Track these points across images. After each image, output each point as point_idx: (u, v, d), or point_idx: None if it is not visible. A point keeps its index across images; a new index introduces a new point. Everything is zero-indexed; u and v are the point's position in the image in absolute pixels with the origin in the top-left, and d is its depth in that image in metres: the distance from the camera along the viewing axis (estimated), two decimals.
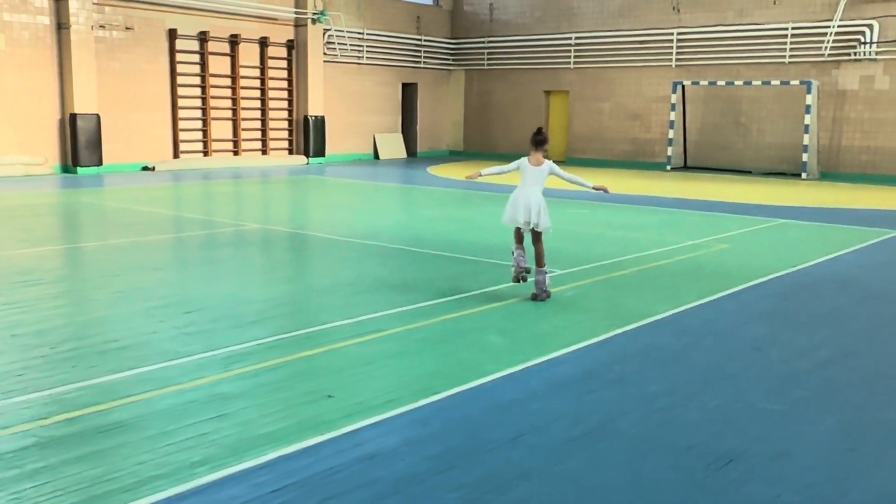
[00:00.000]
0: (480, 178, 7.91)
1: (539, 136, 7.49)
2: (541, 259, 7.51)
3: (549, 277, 7.66)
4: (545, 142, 7.55)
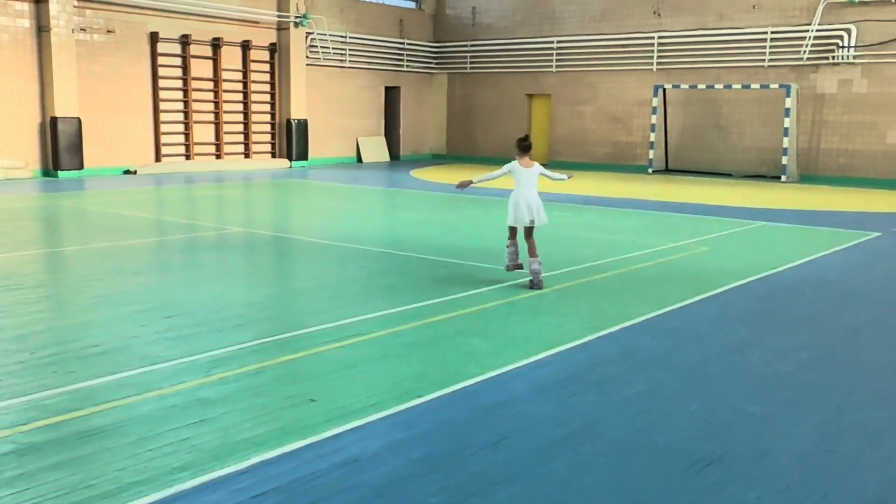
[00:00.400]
0: (473, 185, 8.48)
1: (525, 142, 8.22)
2: (534, 250, 8.19)
3: (530, 280, 8.31)
4: (531, 147, 8.26)
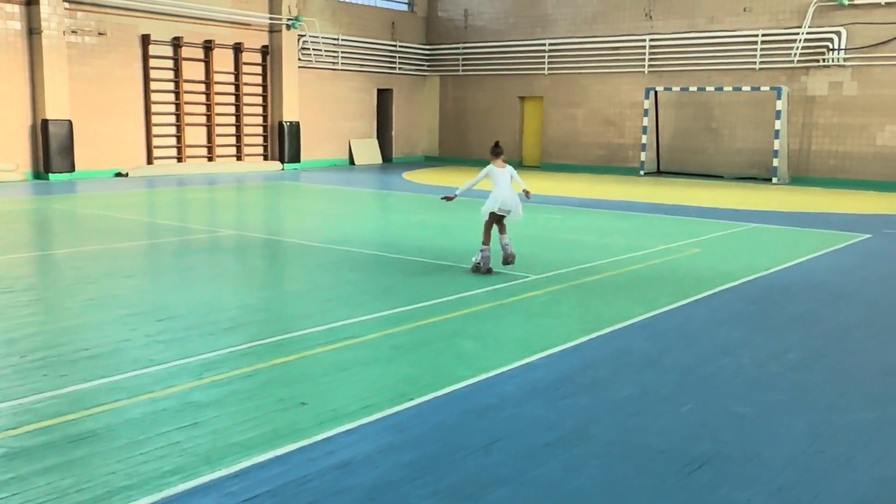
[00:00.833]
0: (458, 198, 9.63)
1: (497, 149, 9.47)
2: (504, 228, 9.41)
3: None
4: (503, 152, 9.53)
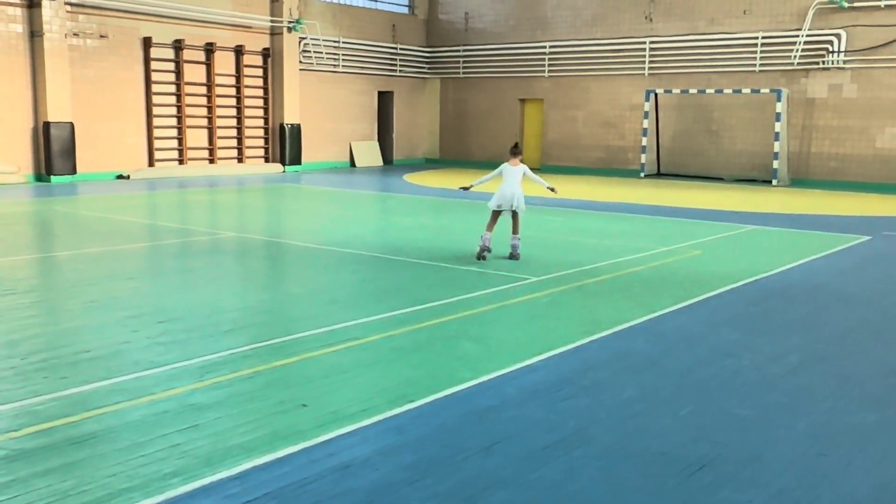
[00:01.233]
0: (474, 189, 10.66)
1: (516, 149, 10.40)
2: (517, 229, 10.16)
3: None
4: (521, 153, 10.40)
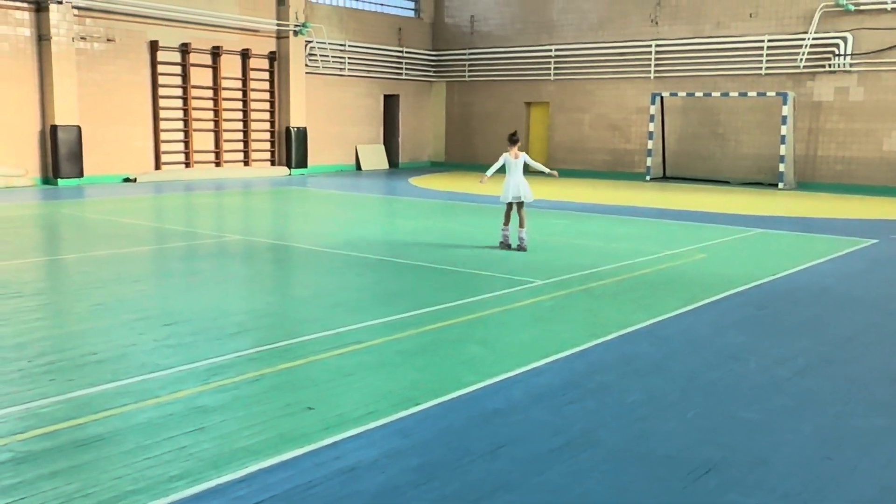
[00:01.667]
0: (487, 180, 10.95)
1: (514, 137, 10.76)
2: (523, 221, 10.84)
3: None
4: (518, 140, 10.75)
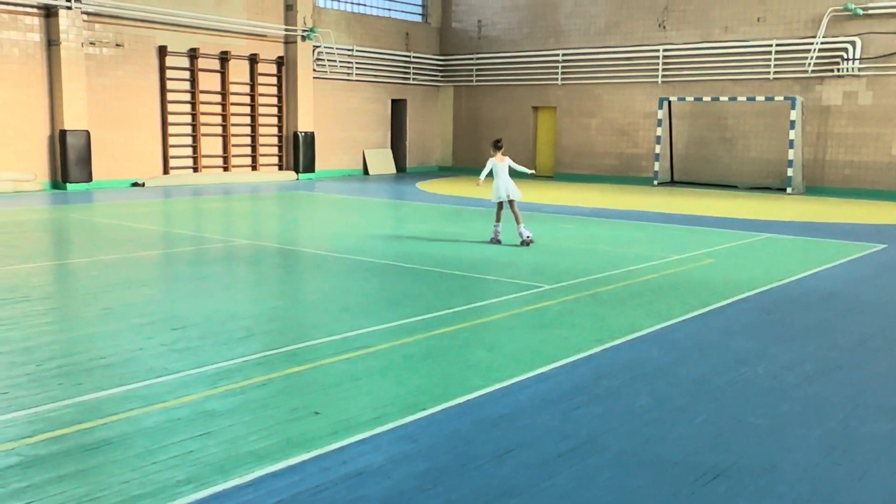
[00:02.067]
0: (483, 182, 12.04)
1: (499, 143, 11.91)
2: (518, 218, 11.67)
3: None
4: (502, 146, 11.90)
